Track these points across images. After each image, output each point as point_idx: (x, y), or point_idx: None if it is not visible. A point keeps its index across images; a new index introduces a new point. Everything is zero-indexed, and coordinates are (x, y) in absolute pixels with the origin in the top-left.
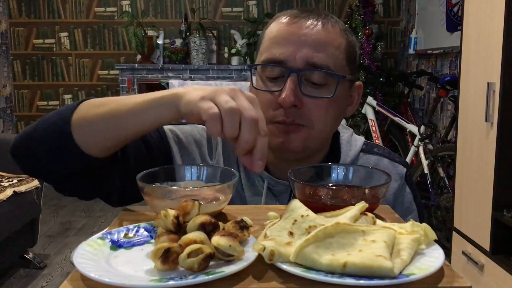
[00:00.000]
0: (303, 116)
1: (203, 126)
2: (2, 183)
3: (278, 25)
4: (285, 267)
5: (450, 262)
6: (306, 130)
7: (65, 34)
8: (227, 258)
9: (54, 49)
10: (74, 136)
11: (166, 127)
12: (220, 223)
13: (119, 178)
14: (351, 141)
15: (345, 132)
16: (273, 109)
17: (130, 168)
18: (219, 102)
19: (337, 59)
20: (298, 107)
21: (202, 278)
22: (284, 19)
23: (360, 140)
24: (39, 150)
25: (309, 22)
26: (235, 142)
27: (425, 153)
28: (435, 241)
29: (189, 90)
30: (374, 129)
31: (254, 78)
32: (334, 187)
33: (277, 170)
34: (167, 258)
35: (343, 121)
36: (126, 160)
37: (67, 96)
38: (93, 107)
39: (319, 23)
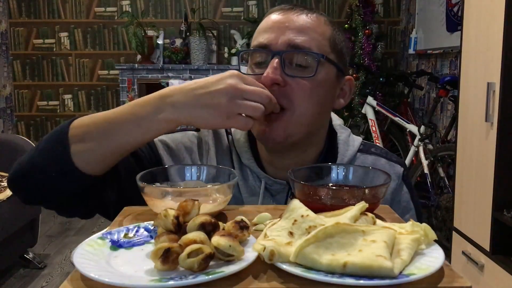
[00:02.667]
0: (285, 95)
1: (193, 132)
2: (2, 183)
3: (266, 19)
4: (285, 267)
5: (450, 262)
6: (286, 115)
7: (65, 34)
8: (227, 258)
9: (54, 49)
10: (73, 160)
11: (156, 138)
12: (220, 223)
13: (112, 192)
14: (349, 141)
15: (343, 132)
16: None
17: (121, 181)
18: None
19: (320, 44)
20: (280, 86)
21: (202, 278)
22: (271, 14)
23: (357, 140)
24: (40, 178)
25: (294, 11)
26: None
27: (425, 153)
28: (435, 241)
29: (169, 92)
30: (374, 129)
31: (244, 68)
32: (334, 187)
33: (273, 170)
34: (167, 258)
35: (341, 121)
36: (117, 174)
37: (67, 96)
38: (86, 127)
39: (304, 12)
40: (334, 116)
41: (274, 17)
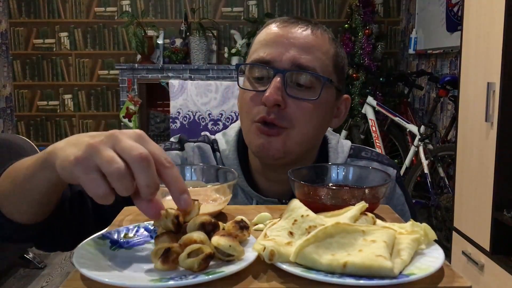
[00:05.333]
0: (285, 117)
1: (177, 152)
2: None
3: (267, 30)
4: (285, 267)
5: (450, 262)
6: (286, 132)
7: (65, 34)
8: (227, 258)
9: (54, 49)
10: (3, 212)
11: None
12: (220, 223)
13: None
14: (338, 148)
15: (333, 138)
16: (256, 108)
17: (89, 211)
18: (101, 164)
19: (324, 64)
20: (281, 107)
21: (202, 278)
22: (274, 25)
23: (346, 145)
24: None
25: (298, 26)
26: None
27: (425, 153)
28: (435, 241)
29: (62, 146)
30: (374, 129)
31: (241, 79)
32: (334, 187)
33: (265, 182)
34: (167, 258)
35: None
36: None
37: (67, 96)
38: (4, 179)
39: (308, 28)
40: None
41: (277, 30)
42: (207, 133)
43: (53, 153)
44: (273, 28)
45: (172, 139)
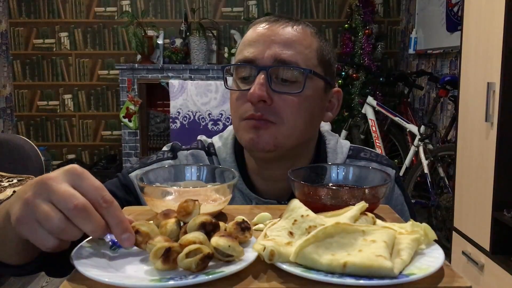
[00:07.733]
0: (273, 112)
1: (169, 161)
2: (2, 183)
3: (251, 31)
4: (285, 267)
5: (450, 262)
6: (275, 126)
7: (65, 34)
8: (227, 258)
9: (54, 49)
10: None
11: (132, 174)
12: (222, 224)
13: None
14: (337, 149)
15: (331, 139)
16: (243, 106)
17: None
18: (40, 221)
19: (307, 58)
20: (267, 104)
21: (202, 278)
22: (257, 25)
23: (345, 146)
24: None
25: (279, 24)
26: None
27: (425, 153)
28: (435, 241)
29: (12, 202)
30: (374, 129)
31: (229, 80)
32: (334, 187)
33: (262, 182)
34: (168, 258)
35: (329, 126)
36: None
37: (67, 96)
38: None
39: (289, 24)
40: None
41: (259, 29)
42: (203, 137)
43: (8, 210)
44: (256, 29)
45: (164, 148)
